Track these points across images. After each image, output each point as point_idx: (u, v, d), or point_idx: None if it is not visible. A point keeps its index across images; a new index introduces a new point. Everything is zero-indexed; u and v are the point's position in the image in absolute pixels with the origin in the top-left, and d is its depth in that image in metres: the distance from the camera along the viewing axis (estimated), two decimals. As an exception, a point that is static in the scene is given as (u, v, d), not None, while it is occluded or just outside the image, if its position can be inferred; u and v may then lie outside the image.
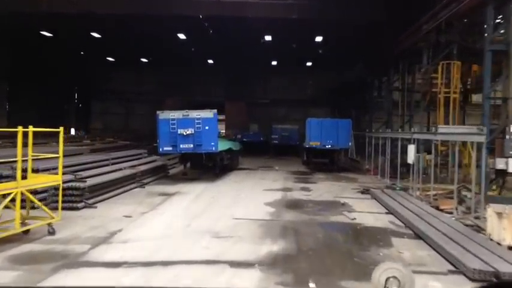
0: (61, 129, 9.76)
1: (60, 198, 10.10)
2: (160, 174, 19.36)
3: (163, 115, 18.00)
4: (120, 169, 15.76)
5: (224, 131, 45.76)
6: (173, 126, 17.82)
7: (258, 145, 34.89)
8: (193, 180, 19.06)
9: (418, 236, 9.71)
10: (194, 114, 17.98)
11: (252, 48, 35.30)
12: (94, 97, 42.61)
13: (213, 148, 17.96)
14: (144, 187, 16.34)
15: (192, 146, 17.88)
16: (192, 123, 17.82)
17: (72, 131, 41.81)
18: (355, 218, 11.53)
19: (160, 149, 18.03)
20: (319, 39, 30.50)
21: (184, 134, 17.75)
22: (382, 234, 10.02)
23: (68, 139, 27.76)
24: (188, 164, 21.05)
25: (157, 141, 18.14)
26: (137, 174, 16.31)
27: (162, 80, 43.04)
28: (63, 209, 11.66)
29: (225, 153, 20.93)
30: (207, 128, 17.88)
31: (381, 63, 27.37)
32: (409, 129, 22.96)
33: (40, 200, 10.35)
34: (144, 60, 40.95)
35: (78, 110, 42.67)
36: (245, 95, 42.66)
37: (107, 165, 16.07)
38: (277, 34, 30.00)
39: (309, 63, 40.39)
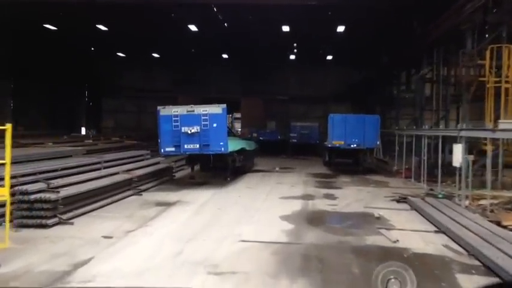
0: (8, 126, 7.28)
1: (7, 216, 7.65)
2: (163, 178, 16.89)
3: (165, 111, 15.51)
4: (112, 174, 13.33)
5: (240, 129, 43.30)
6: (176, 124, 15.31)
7: (275, 144, 32.22)
8: (200, 185, 16.54)
9: (492, 270, 6.98)
10: (200, 109, 15.45)
11: (269, 41, 32.71)
12: (105, 95, 40.52)
13: (222, 149, 15.40)
14: (141, 194, 13.86)
15: (198, 146, 15.35)
16: (198, 120, 15.29)
17: (83, 130, 39.82)
18: (397, 240, 8.81)
19: (162, 150, 15.54)
20: (340, 28, 27.64)
21: (189, 132, 15.23)
22: (440, 267, 7.29)
23: (69, 138, 25.56)
24: (197, 166, 18.63)
25: (159, 140, 15.66)
26: (133, 180, 13.83)
27: (174, 77, 40.71)
28: (30, 226, 9.32)
29: (238, 154, 18.35)
30: (215, 125, 15.32)
31: (409, 53, 24.45)
32: (445, 125, 20.10)
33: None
34: (155, 55, 38.65)
35: (88, 108, 40.61)
36: (262, 91, 40.01)
37: (99, 169, 13.65)
38: (295, 24, 27.31)
39: (329, 57, 37.53)
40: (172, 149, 15.40)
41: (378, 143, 20.43)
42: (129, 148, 22.93)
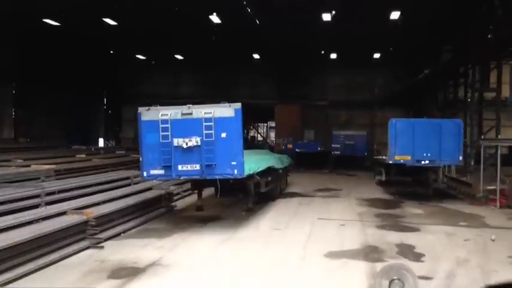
0: None
1: None
2: (156, 211, 11.46)
3: (149, 115, 10.05)
4: (53, 215, 7.99)
5: (274, 140, 37.67)
6: (165, 134, 9.82)
7: (314, 157, 26.36)
8: (205, 223, 10.98)
9: None
10: (202, 111, 9.91)
11: (306, 36, 27.09)
12: (125, 102, 35.79)
13: (235, 171, 9.77)
14: (101, 247, 8.41)
15: (198, 167, 9.80)
16: (198, 128, 9.77)
17: (101, 142, 35.24)
18: None
19: (144, 173, 10.01)
20: (394, 15, 21.69)
21: (185, 146, 9.72)
22: None
23: (63, 152, 20.63)
24: (210, 190, 13.11)
25: (140, 159, 10.19)
26: (89, 223, 8.41)
27: (201, 81, 35.58)
28: None
29: (263, 176, 12.74)
30: (224, 135, 9.76)
31: (484, 44, 18.32)
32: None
33: None
34: (179, 57, 33.66)
35: (107, 118, 36.01)
36: (299, 96, 34.28)
37: (37, 205, 8.36)
38: (337, 12, 21.58)
39: (376, 55, 31.36)
40: (160, 171, 9.87)
41: (461, 158, 14.22)
42: (132, 164, 17.74)
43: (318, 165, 26.24)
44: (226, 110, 9.95)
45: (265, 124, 52.56)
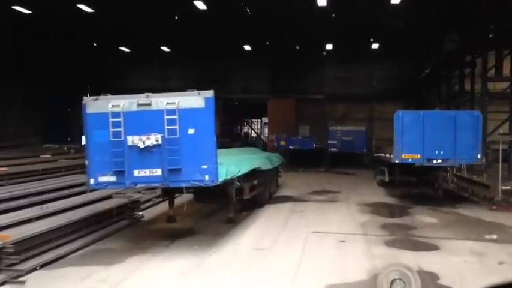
0: None
1: None
2: (114, 225, 9.28)
3: (96, 106, 7.85)
4: None
5: (267, 136, 35.52)
6: (117, 130, 7.62)
7: (309, 154, 24.17)
8: (174, 239, 8.80)
9: None
10: (163, 101, 7.74)
11: (301, 27, 25.00)
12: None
13: (206, 176, 7.57)
14: (22, 282, 6.20)
15: (159, 173, 7.61)
16: (159, 122, 7.59)
17: (84, 140, 32.81)
18: None
19: (92, 180, 7.78)
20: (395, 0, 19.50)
21: (142, 145, 7.54)
22: None
23: (26, 152, 18.37)
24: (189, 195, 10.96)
25: (85, 162, 7.98)
26: (5, 251, 6.20)
27: (190, 74, 33.23)
28: None
29: (246, 180, 10.59)
30: (192, 131, 7.61)
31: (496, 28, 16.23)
32: None
33: None
34: (166, 49, 31.36)
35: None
36: (293, 90, 32.09)
37: None
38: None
39: (375, 45, 29.15)
40: (111, 178, 7.65)
41: (479, 156, 12.04)
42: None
43: (313, 163, 24.09)
44: (195, 100, 7.78)
45: (259, 120, 50.40)
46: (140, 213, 10.64)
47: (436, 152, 11.91)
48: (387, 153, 15.27)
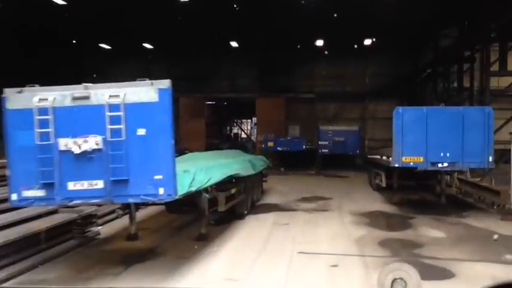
0: None
1: None
2: (57, 247, 7.56)
3: (20, 99, 6.05)
4: None
5: (256, 137, 33.80)
6: (44, 131, 5.89)
7: (298, 156, 22.52)
8: (129, 265, 7.07)
9: None
10: (104, 94, 5.99)
11: (290, 21, 23.30)
12: (91, 97, 31.53)
13: (161, 190, 5.86)
14: None
15: (100, 185, 5.89)
16: (99, 121, 5.87)
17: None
18: None
19: (14, 196, 6.01)
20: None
21: (78, 150, 5.82)
22: None
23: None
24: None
25: (7, 173, 6.23)
26: None
27: (176, 73, 31.38)
28: None
29: (222, 189, 8.92)
30: (142, 132, 5.89)
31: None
32: None
33: None
34: (148, 46, 29.53)
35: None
36: (283, 89, 30.43)
37: None
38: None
39: (368, 41, 27.52)
40: (39, 192, 5.89)
41: (491, 159, 10.40)
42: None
43: (303, 165, 22.50)
44: (146, 92, 6.07)
45: (250, 120, 48.65)
46: (97, 228, 8.91)
47: (442, 154, 10.30)
48: (384, 155, 13.66)
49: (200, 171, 7.67)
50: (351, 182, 18.39)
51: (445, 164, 10.42)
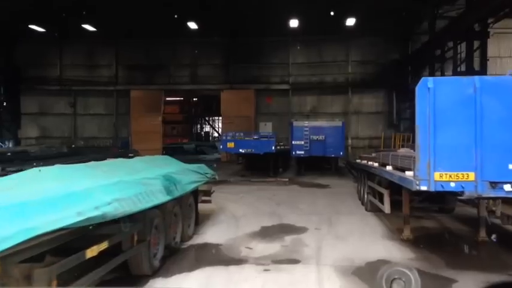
0: None
1: None
2: None
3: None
4: None
5: (220, 135, 28.66)
6: None
7: (267, 160, 17.33)
8: None
9: None
10: None
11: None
12: (25, 90, 25.97)
13: None
14: None
15: None
16: None
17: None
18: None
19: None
20: None
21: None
22: None
23: None
24: None
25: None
26: None
27: (126, 62, 26.13)
28: None
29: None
30: None
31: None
32: None
33: None
34: (91, 28, 24.01)
35: (2, 112, 25.96)
36: (252, 79, 25.39)
37: None
38: None
39: (350, 21, 22.51)
40: None
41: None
42: None
43: (275, 171, 17.44)
44: None
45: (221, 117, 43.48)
46: None
47: (510, 166, 5.24)
48: (384, 162, 8.59)
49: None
50: (334, 195, 13.33)
51: (513, 188, 5.36)
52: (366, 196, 10.69)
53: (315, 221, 9.44)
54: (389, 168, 7.68)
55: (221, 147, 17.41)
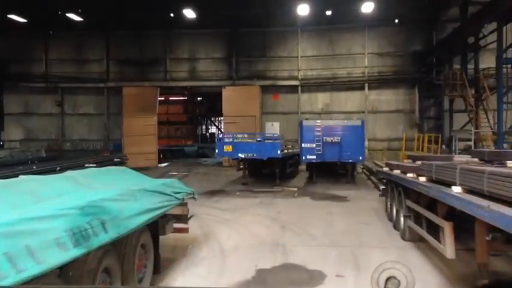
0: None
1: None
2: None
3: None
4: None
5: (220, 137, 25.84)
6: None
7: (272, 166, 14.36)
8: None
9: None
10: None
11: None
12: (9, 88, 23.37)
13: None
14: None
15: None
16: None
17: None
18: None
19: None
20: None
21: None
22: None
23: None
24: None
25: None
26: None
27: (116, 56, 23.36)
28: None
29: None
30: None
31: None
32: None
33: None
34: (78, 19, 21.30)
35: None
36: (257, 75, 22.50)
37: None
38: None
39: (366, 8, 19.42)
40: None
41: None
42: None
43: (282, 178, 14.55)
44: None
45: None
46: None
47: None
48: (445, 180, 5.56)
49: None
50: (355, 212, 10.38)
51: None
52: (401, 219, 7.71)
53: (334, 260, 6.51)
54: (457, 190, 4.71)
55: (217, 151, 14.48)
